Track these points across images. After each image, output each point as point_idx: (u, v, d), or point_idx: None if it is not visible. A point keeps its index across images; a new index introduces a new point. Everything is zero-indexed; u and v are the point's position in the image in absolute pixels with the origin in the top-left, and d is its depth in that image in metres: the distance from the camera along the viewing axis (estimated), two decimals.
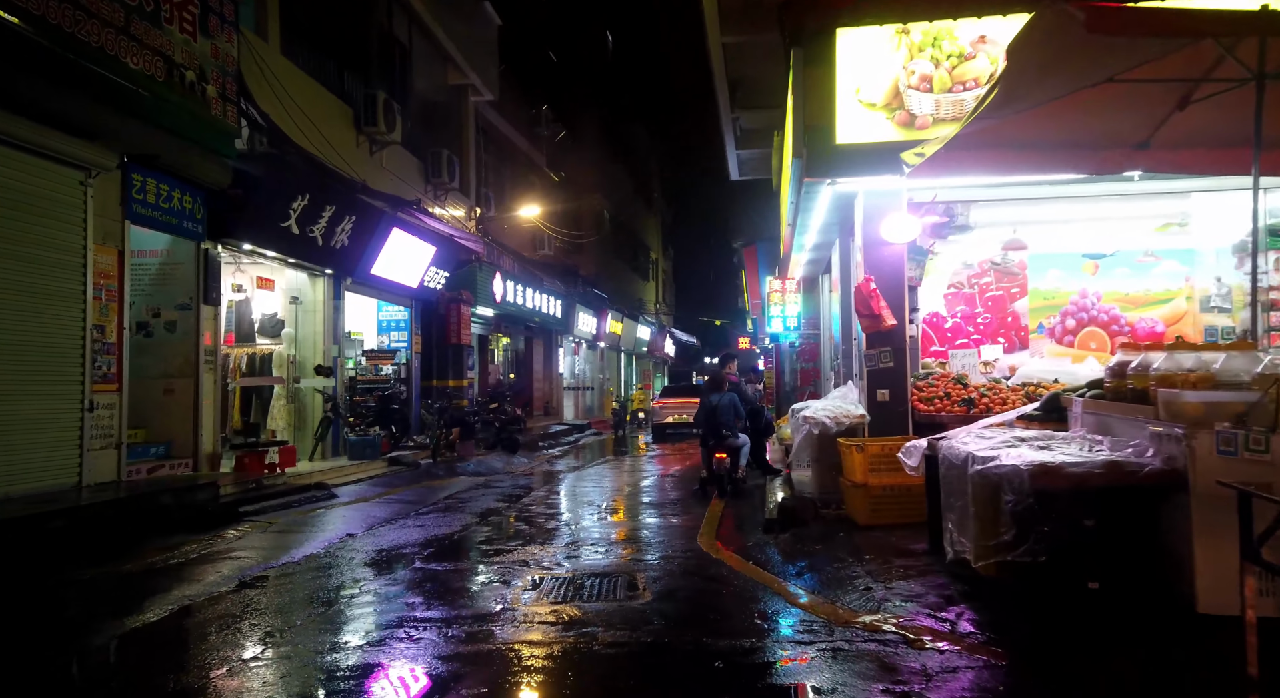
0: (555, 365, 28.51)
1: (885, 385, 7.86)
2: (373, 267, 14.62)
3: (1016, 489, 4.66)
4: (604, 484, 13.04)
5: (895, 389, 7.80)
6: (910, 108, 7.25)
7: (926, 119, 7.16)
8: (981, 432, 5.73)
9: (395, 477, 13.28)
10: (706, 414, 11.00)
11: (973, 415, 7.42)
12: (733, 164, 20.53)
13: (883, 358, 7.83)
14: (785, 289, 13.62)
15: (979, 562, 5.02)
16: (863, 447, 7.25)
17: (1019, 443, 5.20)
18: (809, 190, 7.95)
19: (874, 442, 7.31)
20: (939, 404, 7.61)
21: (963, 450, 5.32)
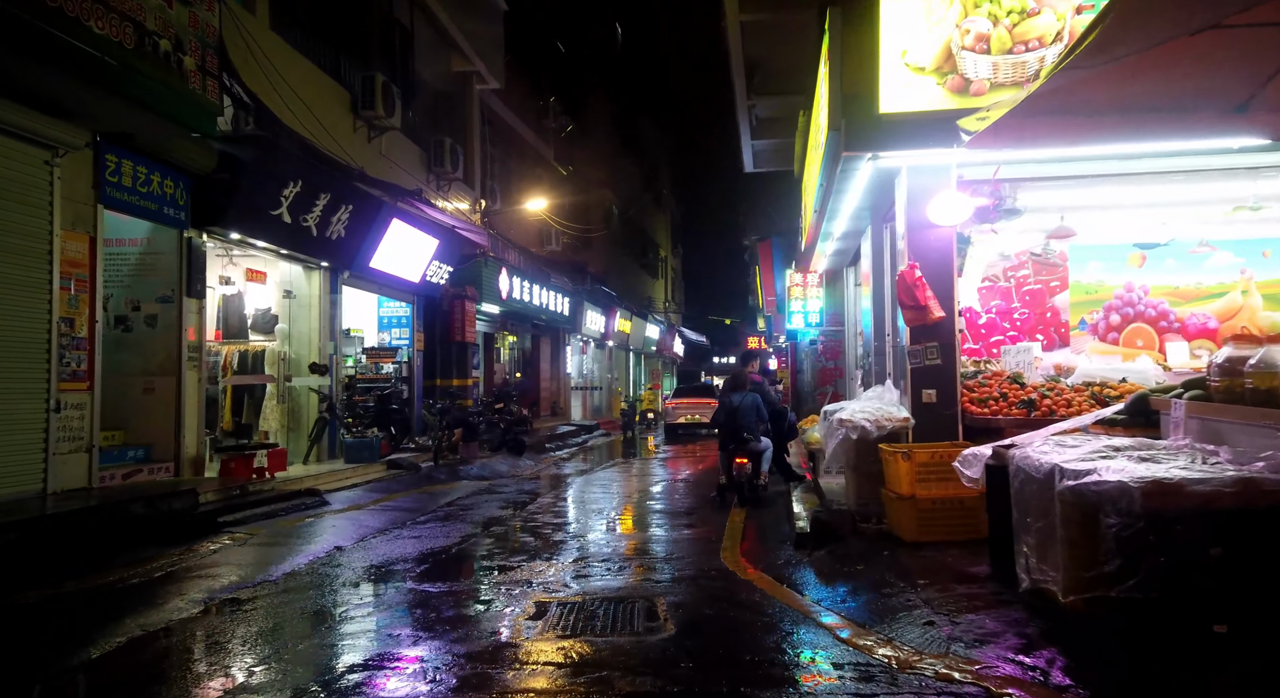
0: (563, 365, 27.71)
1: (931, 385, 7.02)
2: (371, 260, 13.82)
3: (1123, 510, 3.82)
4: (614, 489, 12.23)
5: (943, 389, 6.96)
6: (964, 71, 6.41)
7: (983, 83, 6.32)
8: (1061, 439, 4.88)
9: (394, 481, 12.48)
10: (726, 416, 10.17)
11: (1033, 419, 6.57)
12: (747, 155, 19.71)
13: (928, 354, 6.99)
14: (807, 283, 12.78)
15: (1070, 596, 4.18)
16: (909, 454, 6.41)
17: (1114, 453, 4.36)
18: (846, 168, 7.11)
19: (922, 448, 6.47)
20: (994, 406, 6.77)
21: (1044, 461, 4.48)
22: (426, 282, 16.30)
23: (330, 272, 13.37)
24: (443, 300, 18.78)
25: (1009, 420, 6.61)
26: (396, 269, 14.91)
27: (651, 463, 17.20)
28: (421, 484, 12.42)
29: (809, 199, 11.35)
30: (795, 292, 12.69)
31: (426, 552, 7.44)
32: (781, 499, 10.44)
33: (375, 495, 11.09)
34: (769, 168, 20.66)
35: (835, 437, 7.21)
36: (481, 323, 21.48)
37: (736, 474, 9.93)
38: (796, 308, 12.69)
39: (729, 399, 10.23)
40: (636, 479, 13.78)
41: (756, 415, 10.11)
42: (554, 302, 24.62)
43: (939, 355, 6.95)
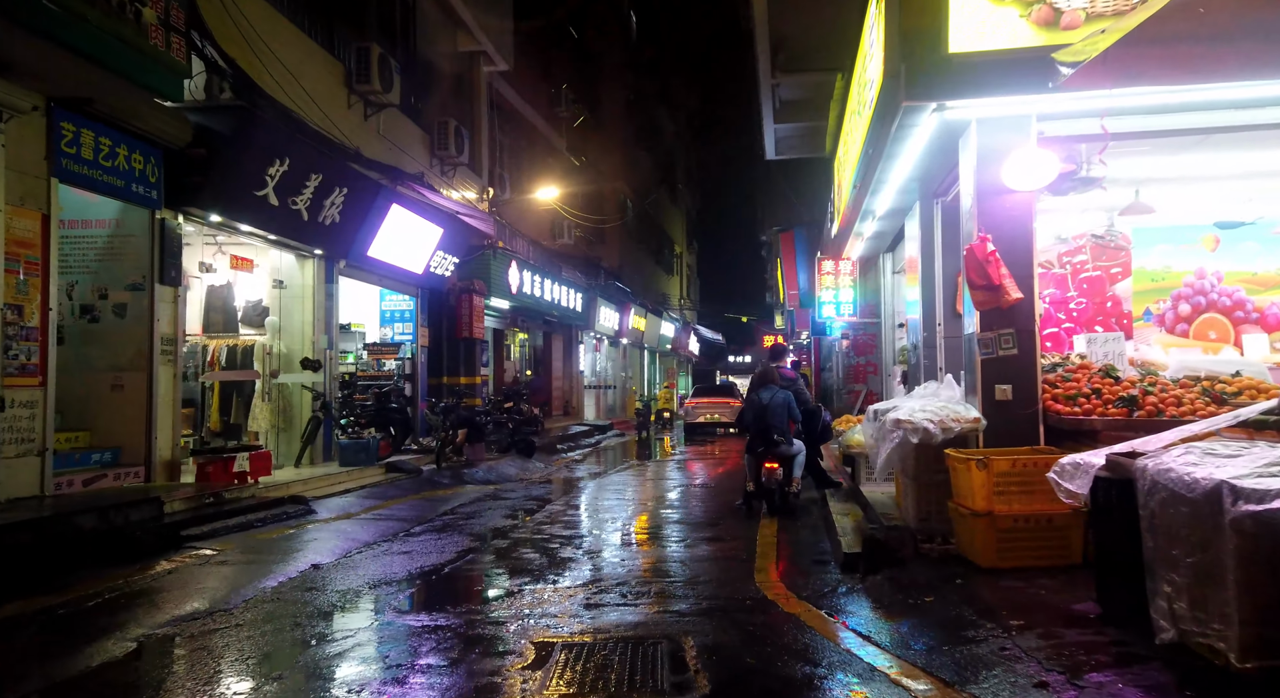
0: (575, 363, 26.66)
1: (1006, 379, 5.91)
2: (369, 248, 12.81)
3: None
4: (629, 495, 11.16)
5: (1021, 384, 5.85)
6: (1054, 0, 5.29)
7: (1077, 15, 5.21)
8: (1210, 447, 3.77)
9: (391, 486, 11.46)
10: (754, 415, 9.08)
11: (1137, 420, 5.45)
12: (769, 141, 18.58)
13: (1002, 343, 5.89)
14: (838, 271, 11.68)
15: (1248, 660, 3.08)
16: (985, 462, 5.31)
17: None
18: (903, 125, 6.02)
19: (1001, 455, 5.37)
20: (1086, 404, 5.65)
21: (1201, 476, 3.37)
22: (430, 273, 15.29)
23: (325, 261, 12.37)
24: (450, 294, 17.78)
25: (1105, 421, 5.50)
26: (397, 259, 13.89)
27: (669, 466, 16.12)
28: (421, 489, 11.39)
29: (844, 178, 10.24)
30: (825, 281, 11.58)
31: (416, 572, 6.40)
32: (816, 509, 9.34)
33: (369, 503, 10.07)
34: (792, 155, 19.52)
35: (889, 440, 6.11)
36: (491, 318, 20.46)
37: (766, 480, 8.85)
38: (826, 298, 11.58)
39: (757, 397, 9.15)
40: (653, 484, 12.71)
41: (788, 415, 9.02)
42: (566, 297, 23.58)
43: (1015, 344, 5.84)
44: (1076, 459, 4.53)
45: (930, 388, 7.03)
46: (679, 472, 14.88)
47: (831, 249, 12.18)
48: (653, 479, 13.40)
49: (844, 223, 10.43)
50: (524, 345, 23.51)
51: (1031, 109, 5.67)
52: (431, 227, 14.50)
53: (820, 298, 11.54)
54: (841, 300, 11.61)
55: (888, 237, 10.50)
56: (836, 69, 12.71)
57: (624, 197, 29.74)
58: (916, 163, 7.26)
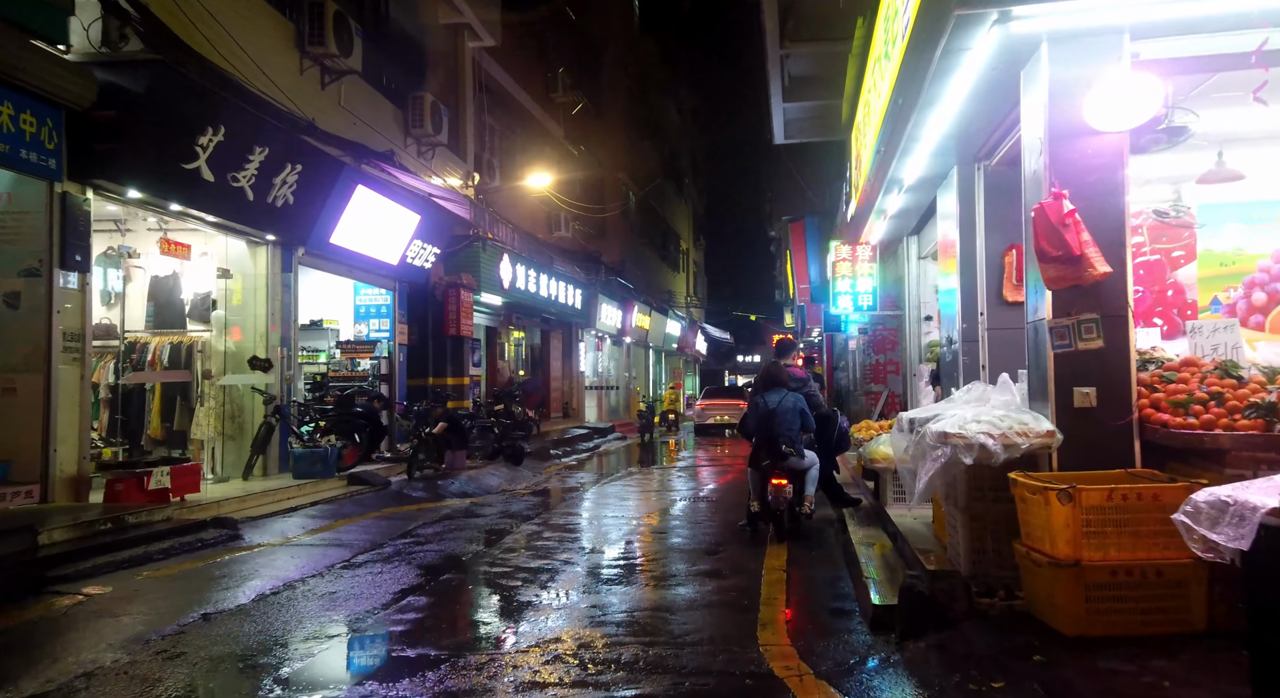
0: (575, 362, 25.24)
1: (1088, 380, 4.45)
2: (332, 234, 11.42)
3: None
4: (619, 512, 9.72)
5: (1109, 387, 4.39)
6: None
7: None
8: None
9: (350, 502, 10.06)
10: (759, 422, 7.64)
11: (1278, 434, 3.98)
12: (778, 123, 17.08)
13: (1083, 332, 4.43)
14: (856, 257, 10.21)
15: None
16: (1071, 493, 3.85)
17: None
18: (951, 50, 4.56)
19: (1093, 485, 3.91)
20: (1204, 413, 4.18)
21: None
22: (408, 265, 13.90)
23: (281, 248, 10.98)
24: (435, 289, 16.41)
25: (1236, 437, 4.02)
26: (368, 248, 12.50)
27: (671, 473, 14.68)
28: (384, 505, 9.98)
29: (864, 146, 8.78)
30: (841, 268, 10.12)
31: (330, 624, 4.99)
32: (833, 533, 7.89)
33: (316, 523, 8.67)
34: (803, 138, 18.02)
35: (933, 459, 4.66)
36: (482, 315, 19.08)
37: (773, 499, 7.41)
38: (843, 287, 10.13)
39: (762, 401, 7.70)
40: (649, 497, 11.27)
41: (800, 422, 7.57)
42: (564, 294, 22.16)
43: (1100, 333, 4.38)
44: (1221, 496, 3.07)
45: (976, 391, 5.55)
46: (680, 481, 13.43)
47: (848, 233, 10.73)
48: (650, 491, 11.96)
49: (863, 200, 8.97)
50: (520, 344, 22.12)
51: (1124, 18, 4.21)
52: (406, 212, 13.10)
53: (835, 288, 10.08)
54: (859, 290, 10.16)
55: (913, 215, 9.05)
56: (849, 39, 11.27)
57: (626, 189, 28.30)
58: (959, 112, 5.80)
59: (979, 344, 6.85)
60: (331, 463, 10.52)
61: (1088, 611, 3.88)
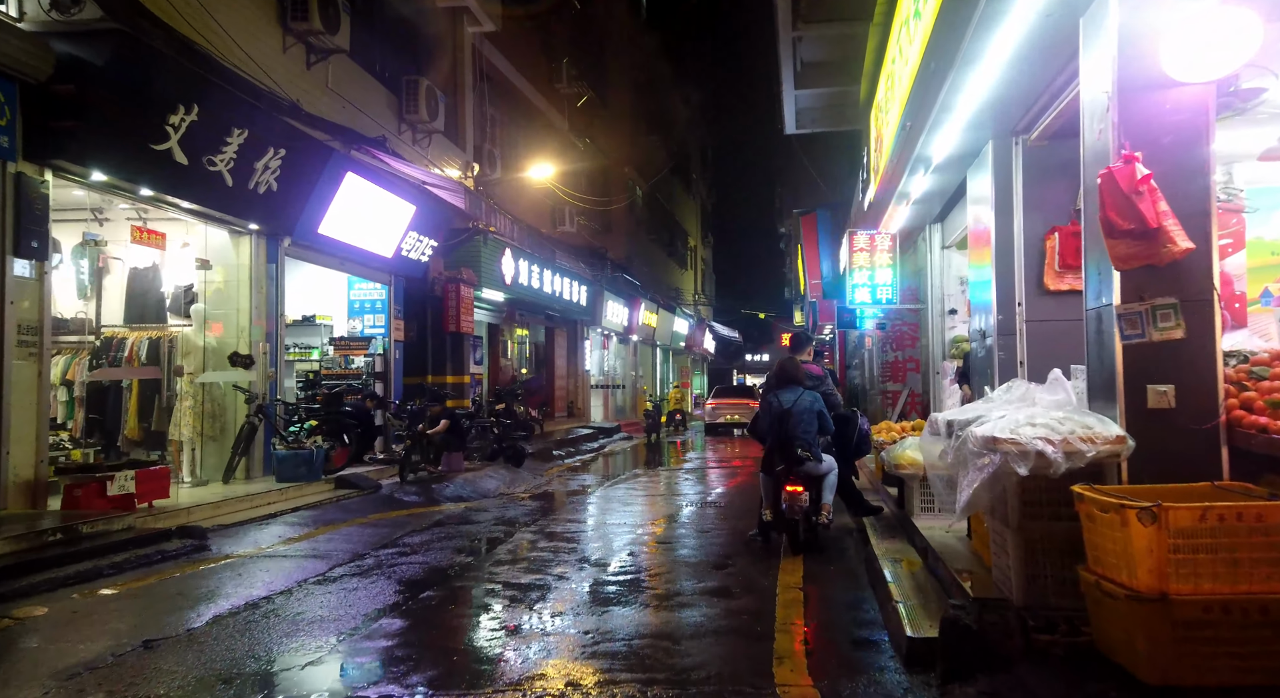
0: (581, 360, 24.62)
1: (1165, 376, 3.78)
2: (320, 224, 10.80)
3: None
4: (622, 519, 9.07)
5: (1192, 384, 3.72)
6: None
7: None
8: None
9: (335, 508, 9.43)
10: (772, 422, 6.97)
11: None
12: (789, 112, 16.41)
13: (1159, 319, 3.76)
14: (875, 246, 9.52)
15: None
16: (1155, 512, 3.18)
17: None
18: None
19: (1183, 503, 3.24)
20: None
21: None
22: (404, 258, 13.28)
23: (265, 238, 10.37)
24: (434, 284, 15.81)
25: None
26: (359, 240, 11.88)
27: (677, 476, 14.02)
28: (372, 510, 9.36)
29: (886, 125, 8.11)
30: (858, 259, 9.45)
31: (289, 653, 4.36)
32: (853, 544, 7.22)
33: (296, 530, 8.05)
34: (814, 128, 17.33)
35: (977, 469, 4.00)
36: (484, 312, 18.48)
37: (788, 508, 6.74)
38: (860, 279, 9.44)
39: (775, 400, 7.03)
40: (654, 502, 10.61)
41: (818, 424, 6.91)
42: (569, 290, 21.53)
43: (1180, 321, 3.71)
44: None
45: (1018, 390, 4.87)
46: (687, 484, 12.78)
47: (866, 221, 10.05)
48: (655, 495, 11.30)
49: (884, 184, 8.29)
50: (523, 342, 21.50)
51: None
52: (400, 202, 12.48)
53: (852, 280, 9.40)
54: (878, 282, 9.47)
55: (937, 200, 8.36)
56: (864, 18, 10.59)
57: (632, 184, 27.65)
58: (999, 77, 5.12)
59: (1016, 338, 6.18)
60: (317, 465, 9.89)
61: (1175, 655, 3.20)
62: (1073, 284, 6.09)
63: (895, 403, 9.85)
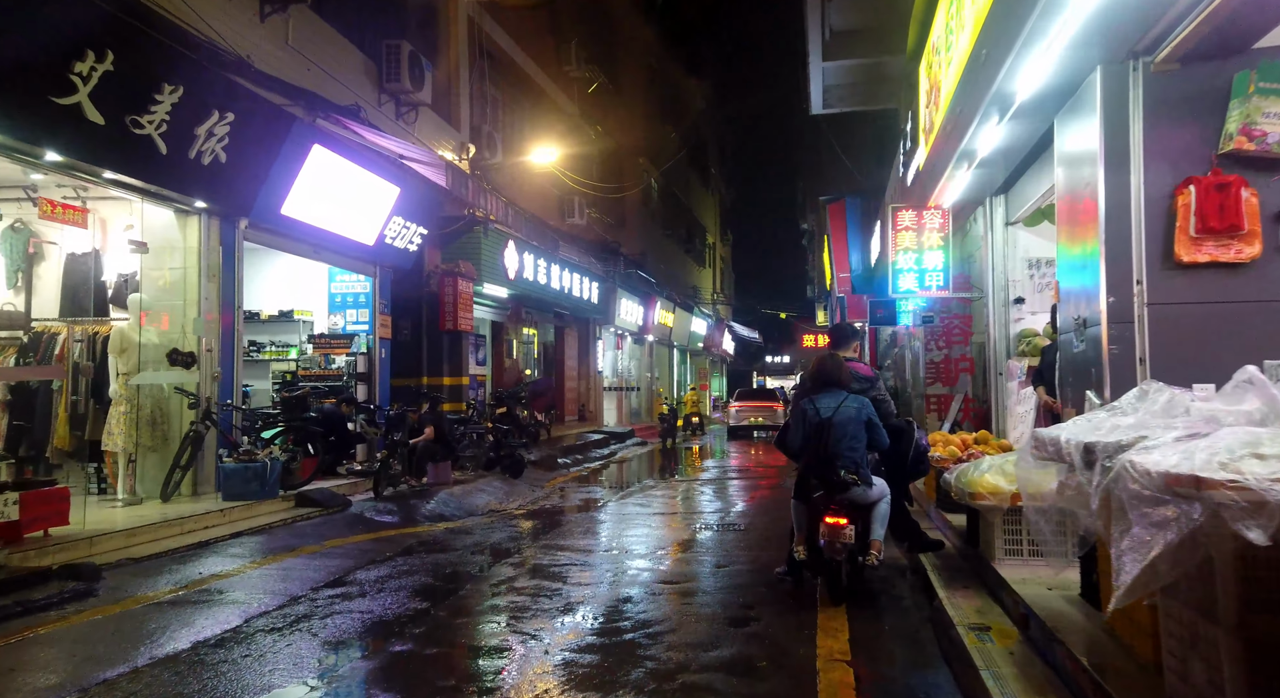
0: (593, 361, 23.14)
1: None
2: (283, 204, 9.39)
3: None
4: (624, 546, 7.56)
5: None
6: None
7: None
8: None
9: (287, 532, 7.98)
10: (808, 435, 5.43)
11: None
12: (816, 89, 14.90)
13: None
14: (924, 224, 7.92)
15: None
16: None
17: None
18: None
19: None
20: None
21: None
22: (387, 245, 11.85)
23: (217, 219, 8.95)
24: (429, 278, 14.41)
25: None
26: (334, 224, 10.46)
27: (693, 487, 12.50)
28: (332, 535, 7.90)
29: (942, 71, 6.55)
30: (903, 240, 7.82)
31: None
32: (908, 591, 5.66)
33: (227, 564, 6.60)
34: (843, 107, 15.80)
35: (1152, 523, 2.47)
36: (486, 309, 17.06)
37: (826, 545, 5.20)
38: (905, 264, 7.80)
39: (811, 407, 5.48)
40: (665, 522, 9.10)
41: (866, 437, 5.37)
42: (579, 286, 20.07)
43: None
44: None
45: (1162, 398, 3.31)
46: (704, 498, 11.25)
47: (912, 196, 8.52)
48: (665, 513, 9.79)
49: (940, 144, 6.74)
50: (530, 341, 20.05)
51: None
52: (382, 183, 11.05)
53: (895, 265, 7.79)
54: (926, 267, 7.85)
55: (1002, 166, 6.78)
56: None
57: (647, 176, 26.14)
58: None
59: (1134, 327, 4.62)
60: (271, 480, 8.45)
61: None
62: (1214, 254, 4.52)
63: (945, 410, 8.24)
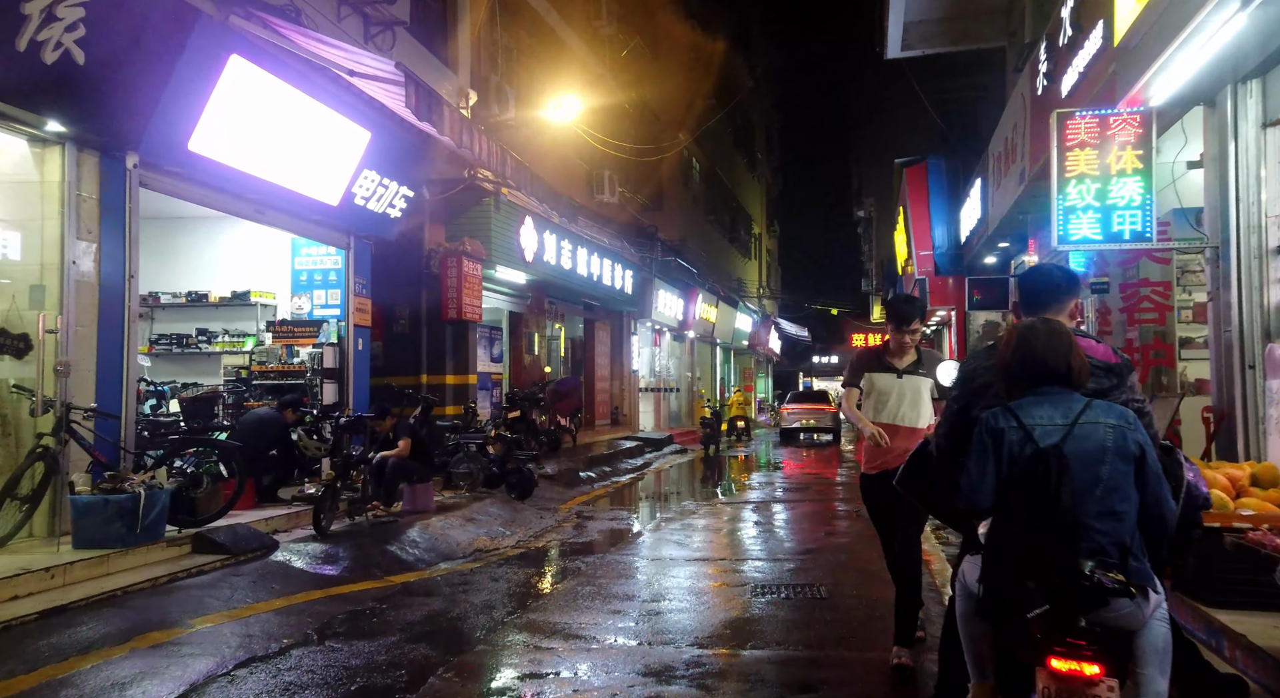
0: (627, 359, 20.37)
1: None
2: (191, 137, 6.75)
3: None
4: (659, 629, 4.73)
5: None
6: None
7: None
8: None
9: (162, 598, 5.29)
10: (1013, 480, 2.55)
11: None
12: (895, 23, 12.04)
13: None
14: (1112, 133, 4.89)
15: None
16: None
17: None
18: None
19: None
20: None
21: None
22: (359, 208, 9.22)
23: (92, 152, 6.35)
24: (429, 259, 11.83)
25: None
26: (274, 173, 7.81)
27: (743, 514, 9.66)
28: (218, 606, 5.21)
29: None
30: (1077, 161, 4.88)
31: None
32: None
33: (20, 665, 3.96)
34: (927, 48, 12.81)
35: None
36: (502, 297, 14.42)
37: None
38: (1079, 197, 4.84)
39: (1012, 424, 2.59)
40: (715, 577, 6.27)
41: (1139, 494, 2.49)
42: (611, 274, 17.34)
43: None
44: None
45: None
46: (762, 532, 8.41)
47: (1080, 96, 5.67)
48: (712, 559, 6.96)
49: None
50: (556, 337, 17.36)
51: None
52: (344, 122, 8.40)
53: (1065, 199, 4.89)
54: (1116, 199, 4.87)
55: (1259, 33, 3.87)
56: None
57: (688, 154, 23.30)
58: None
59: None
60: (153, 518, 5.78)
61: None
62: None
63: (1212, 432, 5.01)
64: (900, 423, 4.08)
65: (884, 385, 4.14)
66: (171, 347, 9.96)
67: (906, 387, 4.11)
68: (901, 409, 4.11)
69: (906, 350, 4.15)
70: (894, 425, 4.07)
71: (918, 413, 4.11)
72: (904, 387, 4.11)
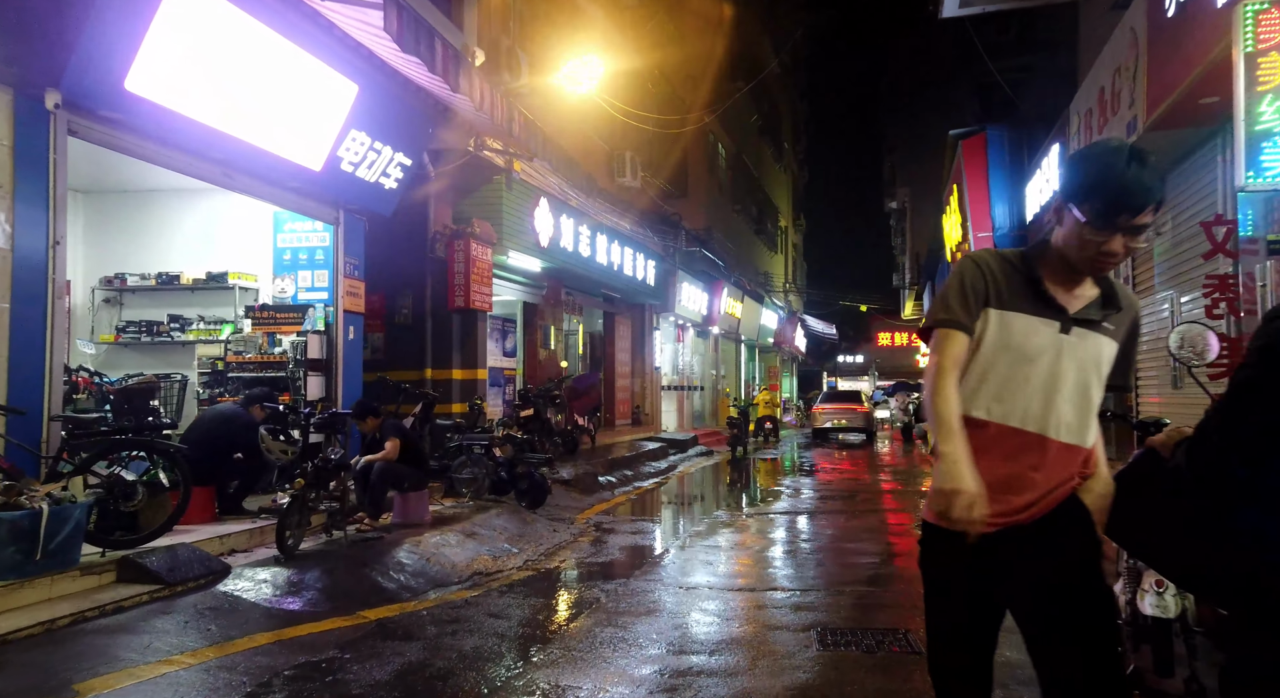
0: (649, 356, 19.05)
1: None
2: (128, 74, 5.51)
3: None
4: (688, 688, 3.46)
5: None
6: None
7: None
8: None
9: (56, 646, 4.07)
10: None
11: None
12: None
13: None
14: None
15: None
16: None
17: None
18: None
19: None
20: None
21: None
22: (346, 175, 7.96)
23: (4, 90, 5.13)
24: (435, 242, 10.62)
25: None
26: (238, 126, 6.56)
27: (775, 528, 8.31)
28: (138, 656, 3.95)
29: None
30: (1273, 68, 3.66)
31: None
32: None
33: None
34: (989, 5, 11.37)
35: None
36: (515, 286, 13.16)
37: None
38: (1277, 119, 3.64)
39: None
40: (752, 613, 4.93)
41: None
42: (632, 264, 16.05)
43: None
44: None
45: None
46: (801, 550, 7.05)
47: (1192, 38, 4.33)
48: (748, 590, 5.62)
49: None
50: (575, 331, 16.07)
51: None
52: (324, 70, 7.14)
53: (1255, 119, 3.59)
54: None
55: None
56: None
57: (714, 139, 21.94)
58: None
59: None
60: (60, 540, 4.53)
61: None
62: None
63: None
64: (1052, 434, 1.94)
65: (1032, 344, 1.94)
66: (141, 335, 8.77)
67: (1080, 351, 1.95)
68: (1058, 402, 1.94)
69: (1100, 273, 1.97)
70: (1038, 436, 1.94)
71: (1088, 412, 1.98)
72: (1074, 351, 1.94)
